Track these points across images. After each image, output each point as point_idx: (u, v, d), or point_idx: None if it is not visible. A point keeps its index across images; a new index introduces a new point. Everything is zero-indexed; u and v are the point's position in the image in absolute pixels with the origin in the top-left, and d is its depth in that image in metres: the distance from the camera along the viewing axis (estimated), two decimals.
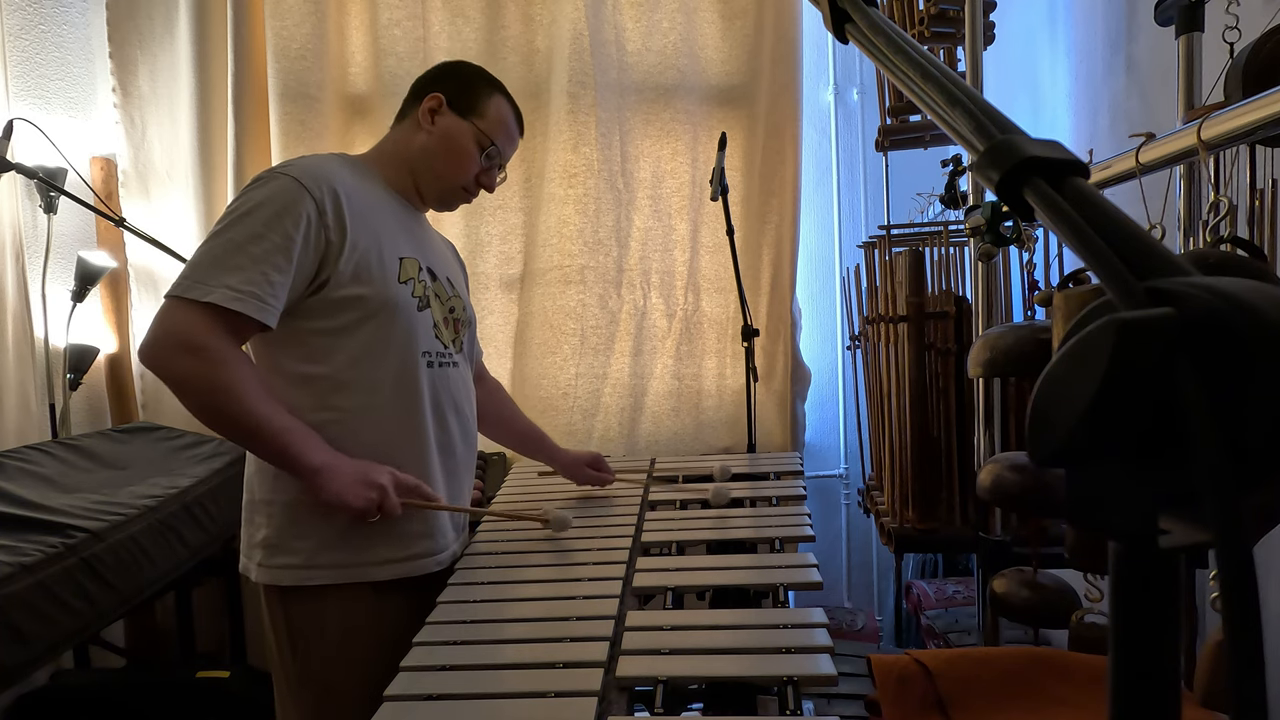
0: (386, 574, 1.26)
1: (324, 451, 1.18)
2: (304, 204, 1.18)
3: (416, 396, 1.29)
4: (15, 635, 1.37)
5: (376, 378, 1.26)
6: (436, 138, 1.34)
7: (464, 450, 1.40)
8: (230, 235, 1.16)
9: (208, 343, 1.11)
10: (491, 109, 1.37)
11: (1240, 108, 0.92)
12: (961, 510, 2.09)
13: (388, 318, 1.25)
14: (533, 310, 2.65)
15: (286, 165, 1.24)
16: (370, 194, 1.30)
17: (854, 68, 2.95)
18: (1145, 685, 0.28)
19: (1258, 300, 0.25)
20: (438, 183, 1.37)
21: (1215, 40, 1.20)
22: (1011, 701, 1.03)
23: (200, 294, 1.12)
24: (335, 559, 1.24)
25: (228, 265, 1.13)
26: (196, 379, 1.12)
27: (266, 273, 1.14)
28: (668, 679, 0.90)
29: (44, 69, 2.37)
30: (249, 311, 1.13)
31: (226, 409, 1.13)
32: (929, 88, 0.44)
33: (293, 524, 1.24)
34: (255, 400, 1.13)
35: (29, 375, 2.16)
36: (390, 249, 1.28)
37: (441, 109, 1.34)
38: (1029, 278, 1.68)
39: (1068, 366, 0.28)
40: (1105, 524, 0.28)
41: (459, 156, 1.35)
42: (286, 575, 1.24)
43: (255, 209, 1.17)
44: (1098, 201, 0.32)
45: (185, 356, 1.11)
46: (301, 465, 1.16)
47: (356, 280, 1.23)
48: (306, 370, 1.24)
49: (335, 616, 1.24)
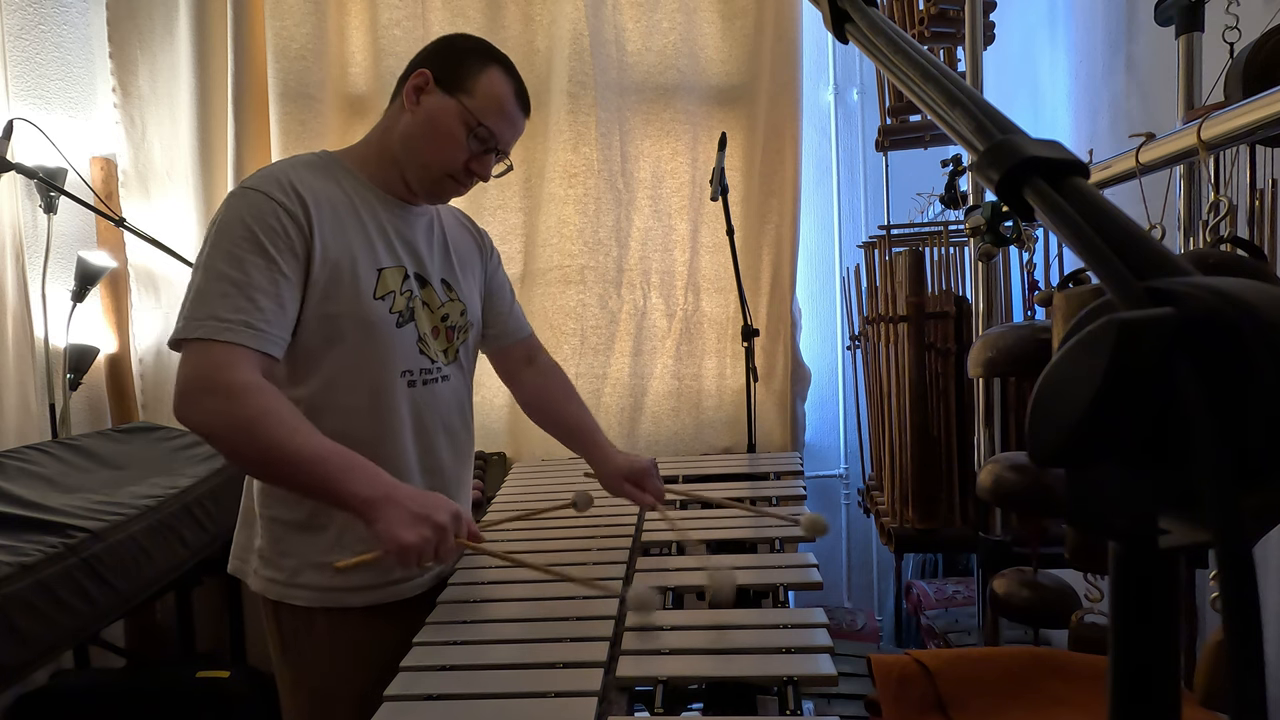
0: (364, 600, 1.22)
1: (373, 482, 1.04)
2: (277, 217, 1.11)
3: (395, 420, 1.21)
4: (15, 635, 1.36)
5: (350, 402, 1.18)
6: (419, 120, 1.20)
7: (453, 467, 1.33)
8: (209, 266, 1.08)
9: (221, 380, 1.02)
10: (483, 85, 1.20)
11: (1240, 108, 0.92)
12: (961, 510, 2.09)
13: (361, 338, 1.17)
14: (533, 310, 2.65)
15: (253, 178, 1.15)
16: (345, 198, 1.20)
17: (854, 68, 2.95)
18: (1145, 685, 0.28)
19: (1258, 300, 0.25)
20: (421, 171, 1.23)
21: (1215, 40, 1.20)
22: (1011, 701, 1.03)
23: (190, 331, 1.05)
24: (313, 582, 1.19)
25: (212, 295, 1.06)
26: (215, 421, 1.03)
27: (253, 298, 1.06)
28: (668, 679, 0.90)
29: (44, 69, 2.37)
30: (243, 341, 1.04)
31: (252, 446, 1.02)
32: (929, 88, 0.44)
33: (278, 540, 1.21)
34: (283, 432, 1.02)
35: (29, 375, 2.16)
36: (366, 261, 1.18)
37: (428, 86, 1.20)
38: (1029, 278, 1.68)
39: (1068, 366, 0.28)
40: (1105, 524, 0.28)
41: (442, 139, 1.20)
42: (273, 589, 1.22)
43: (229, 231, 1.09)
44: (1098, 201, 0.32)
45: (202, 400, 1.03)
46: (347, 498, 1.02)
47: (327, 298, 1.14)
48: (291, 394, 1.15)
49: (324, 634, 1.22)
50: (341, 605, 1.21)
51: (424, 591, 1.27)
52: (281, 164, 1.20)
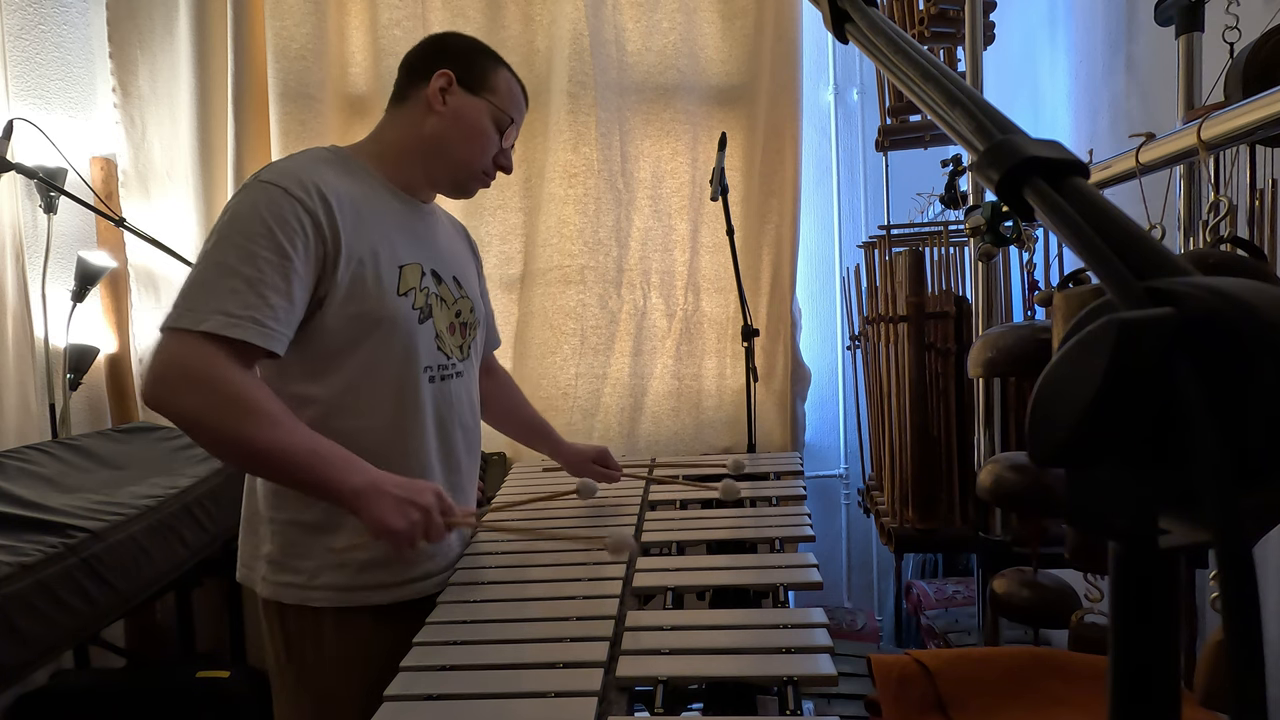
0: (385, 598, 1.22)
1: (360, 472, 1.06)
2: (295, 214, 1.09)
3: (419, 415, 1.23)
4: (15, 635, 1.36)
5: (376, 399, 1.19)
6: (449, 119, 1.25)
7: (468, 462, 1.35)
8: (219, 257, 1.06)
9: (210, 373, 1.02)
10: (501, 82, 1.28)
11: (1240, 108, 0.92)
12: (961, 510, 2.09)
13: (386, 335, 1.18)
14: (533, 310, 2.65)
15: (270, 171, 1.14)
16: (364, 195, 1.21)
17: (854, 68, 2.95)
18: (1145, 685, 0.28)
19: (1258, 300, 0.25)
20: (456, 169, 1.28)
21: (1215, 40, 1.20)
22: (1011, 701, 1.03)
23: (193, 322, 1.02)
24: (334, 581, 1.19)
25: (220, 289, 1.04)
26: (203, 414, 1.02)
27: (264, 294, 1.05)
28: (668, 679, 0.90)
29: (44, 69, 2.37)
30: (250, 338, 1.04)
31: (241, 441, 1.03)
32: (929, 88, 0.44)
33: (293, 544, 1.20)
34: (272, 427, 1.03)
35: (29, 375, 2.16)
36: (388, 258, 1.19)
37: (452, 87, 1.25)
38: (1029, 278, 1.68)
39: (1068, 366, 0.28)
40: (1105, 524, 0.28)
41: (478, 137, 1.26)
42: (289, 594, 1.21)
43: (244, 225, 1.08)
44: (1098, 201, 0.32)
45: (188, 391, 1.02)
46: (336, 490, 1.05)
47: (351, 297, 1.15)
48: (305, 392, 1.16)
49: (332, 638, 1.21)
50: (362, 604, 1.21)
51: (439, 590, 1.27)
52: (299, 159, 1.20)
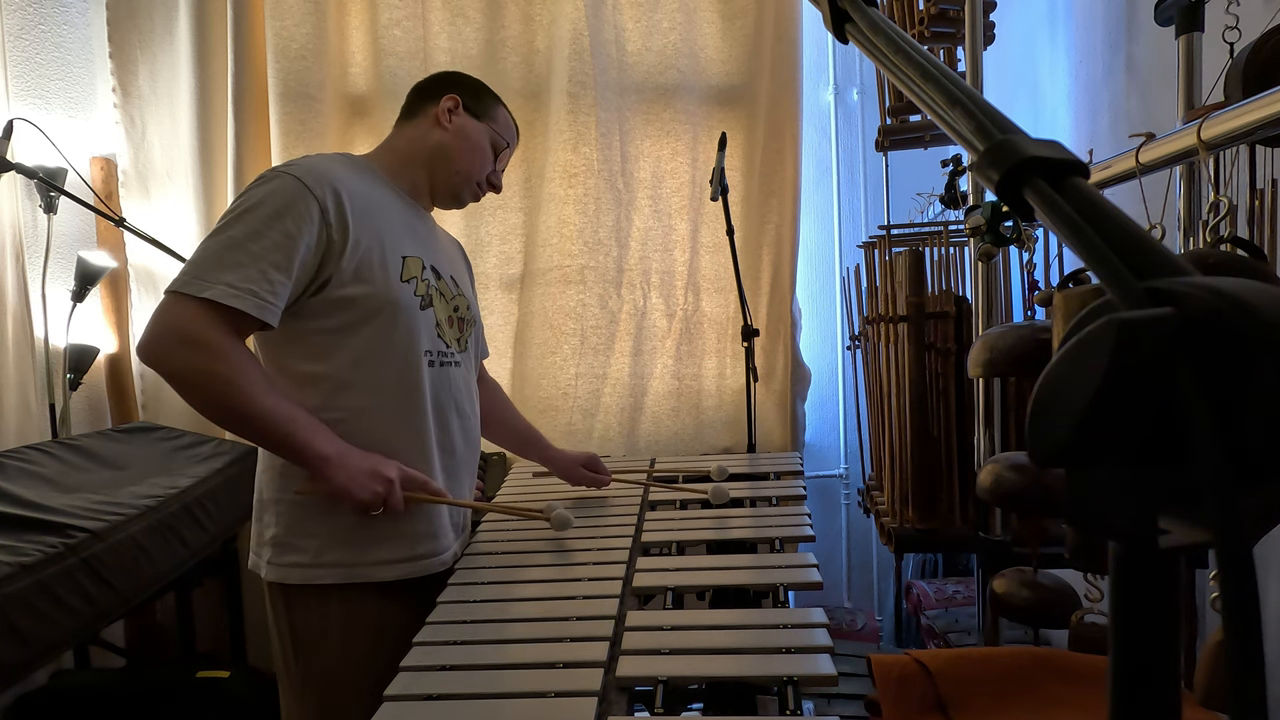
0: (390, 574, 1.27)
1: (332, 442, 1.19)
2: (306, 203, 1.19)
3: (418, 396, 1.30)
4: (15, 635, 1.36)
5: (379, 378, 1.27)
6: (453, 135, 1.40)
7: (465, 450, 1.41)
8: (231, 233, 1.17)
9: (207, 337, 1.12)
10: (500, 116, 1.46)
11: (1240, 108, 0.92)
12: (961, 510, 2.09)
13: (390, 317, 1.27)
14: (533, 310, 2.65)
15: (289, 164, 1.25)
16: (373, 193, 1.32)
17: (854, 68, 2.95)
18: (1145, 685, 0.28)
19: (1258, 300, 0.25)
20: (455, 178, 1.42)
21: (1215, 40, 1.20)
22: (1011, 701, 1.03)
23: (198, 289, 1.12)
24: (340, 558, 1.25)
25: (227, 262, 1.14)
26: (196, 372, 1.12)
27: (265, 270, 1.15)
28: (668, 679, 0.90)
29: (44, 69, 2.37)
30: (247, 309, 1.13)
31: (228, 401, 1.13)
32: (929, 88, 0.44)
33: (299, 522, 1.25)
34: (258, 391, 1.14)
35: (29, 375, 2.16)
36: (393, 248, 1.29)
37: (458, 109, 1.41)
38: (1029, 278, 1.68)
39: (1068, 366, 0.28)
40: (1105, 524, 0.28)
41: (476, 152, 1.42)
42: (294, 574, 1.25)
43: (257, 207, 1.18)
44: (1098, 201, 0.32)
45: (184, 350, 1.12)
46: (308, 454, 1.17)
47: (358, 279, 1.24)
48: (310, 370, 1.25)
49: (338, 618, 1.25)
50: (367, 580, 1.26)
51: (442, 571, 1.32)
52: (316, 157, 1.30)
